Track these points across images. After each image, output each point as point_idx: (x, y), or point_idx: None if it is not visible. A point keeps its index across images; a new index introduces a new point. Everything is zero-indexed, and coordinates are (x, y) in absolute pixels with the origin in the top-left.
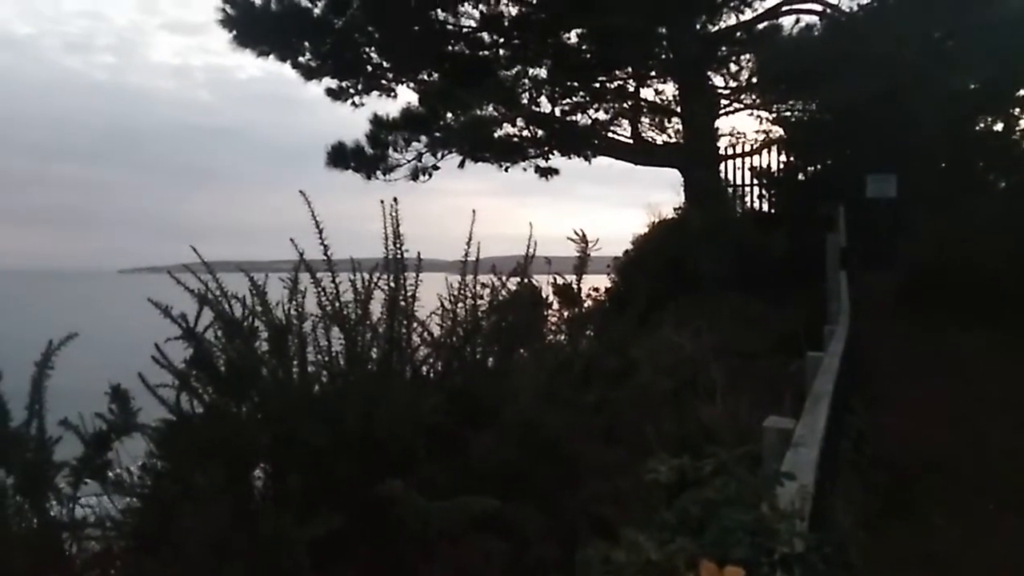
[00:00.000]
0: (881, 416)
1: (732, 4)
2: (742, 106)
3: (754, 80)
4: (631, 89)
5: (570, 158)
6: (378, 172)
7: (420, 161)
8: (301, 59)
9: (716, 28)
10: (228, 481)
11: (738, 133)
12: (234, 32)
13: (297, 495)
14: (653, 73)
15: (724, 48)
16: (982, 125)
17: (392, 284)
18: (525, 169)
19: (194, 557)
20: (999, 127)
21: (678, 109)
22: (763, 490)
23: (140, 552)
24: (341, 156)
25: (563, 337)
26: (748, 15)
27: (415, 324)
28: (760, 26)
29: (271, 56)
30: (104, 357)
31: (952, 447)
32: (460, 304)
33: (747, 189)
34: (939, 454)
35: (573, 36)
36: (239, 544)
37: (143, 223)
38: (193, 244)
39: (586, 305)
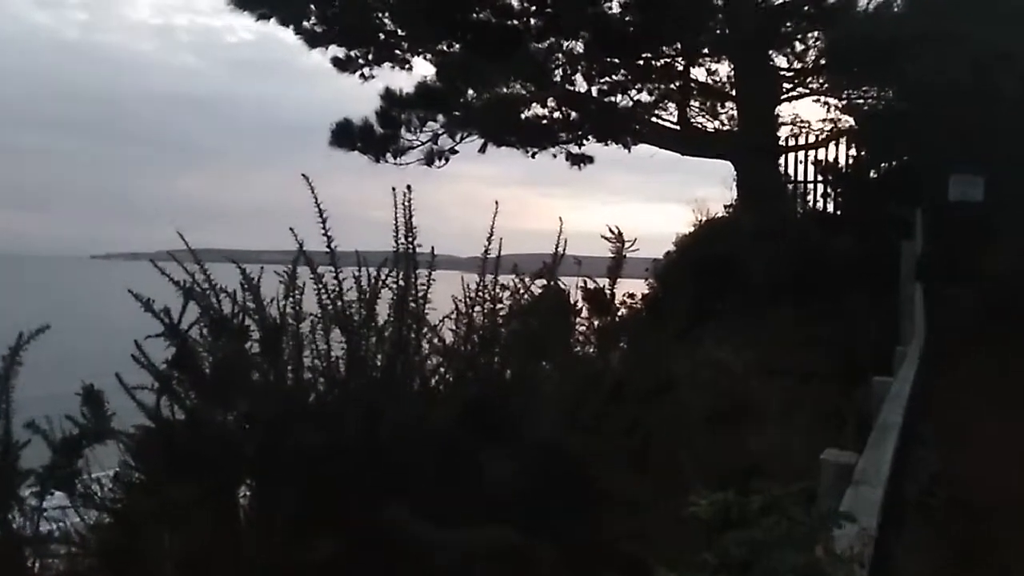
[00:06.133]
0: (956, 452)
1: None
2: (807, 91)
3: (822, 61)
4: (680, 68)
5: (607, 144)
6: (388, 154)
7: (436, 143)
8: (305, 24)
9: (780, 0)
10: (209, 496)
11: (802, 122)
12: None
13: (287, 515)
14: (706, 50)
15: (789, 24)
16: None
17: (401, 282)
18: (555, 156)
19: None
20: None
21: (733, 92)
22: (818, 531)
23: (108, 572)
24: (347, 135)
25: (592, 349)
26: None
27: (426, 328)
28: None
29: (272, 19)
30: (76, 353)
31: None
32: (477, 308)
33: (810, 186)
34: (1021, 496)
35: (615, 5)
36: (219, 568)
37: (118, 204)
38: (177, 229)
39: (620, 314)
